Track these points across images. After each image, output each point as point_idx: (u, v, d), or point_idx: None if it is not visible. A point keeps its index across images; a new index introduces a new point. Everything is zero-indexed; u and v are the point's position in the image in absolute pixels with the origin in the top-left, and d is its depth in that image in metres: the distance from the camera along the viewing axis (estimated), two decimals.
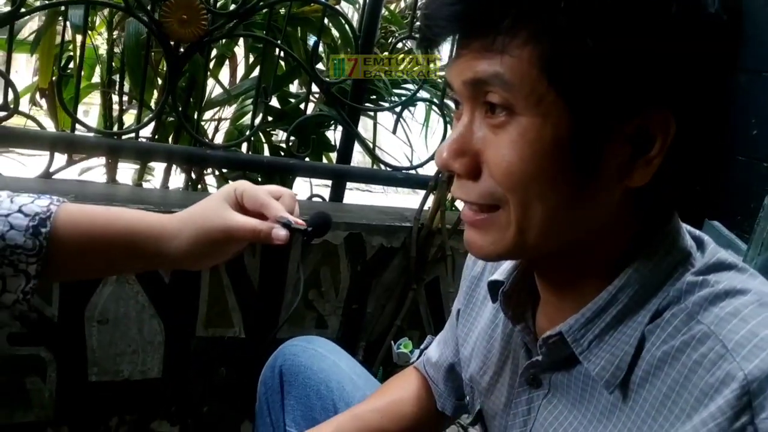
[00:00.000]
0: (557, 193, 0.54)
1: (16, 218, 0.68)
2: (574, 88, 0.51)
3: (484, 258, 0.63)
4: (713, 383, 0.50)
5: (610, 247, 0.59)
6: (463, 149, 0.56)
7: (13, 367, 1.39)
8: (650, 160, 0.53)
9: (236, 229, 0.72)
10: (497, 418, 0.75)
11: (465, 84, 0.55)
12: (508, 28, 0.51)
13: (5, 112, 1.39)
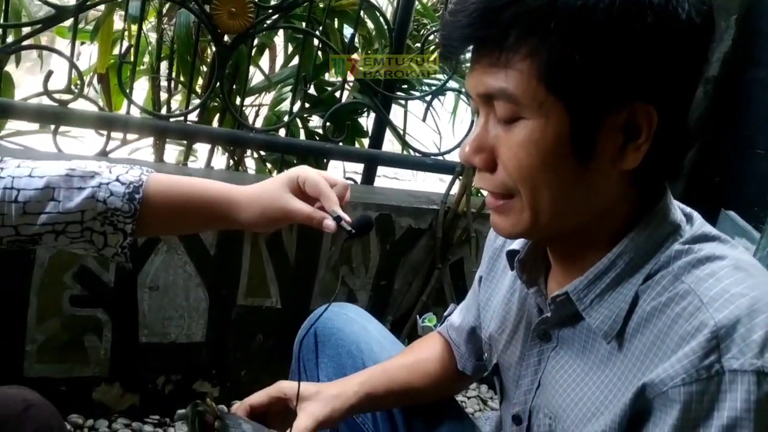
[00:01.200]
0: (562, 181, 0.65)
1: (115, 186, 0.81)
2: (569, 91, 0.62)
3: (507, 237, 0.75)
4: (690, 330, 0.61)
5: (610, 222, 0.70)
6: (481, 146, 0.68)
7: (74, 327, 1.53)
8: (639, 147, 0.64)
9: (294, 213, 0.84)
10: (512, 369, 0.85)
11: (479, 96, 0.67)
12: (510, 46, 0.62)
13: (70, 95, 1.52)
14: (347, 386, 0.96)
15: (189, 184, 0.87)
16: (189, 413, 0.82)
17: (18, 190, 0.79)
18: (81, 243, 0.83)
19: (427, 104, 1.99)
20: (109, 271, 1.52)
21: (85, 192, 0.80)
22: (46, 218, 0.80)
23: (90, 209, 0.80)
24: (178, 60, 1.82)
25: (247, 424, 0.84)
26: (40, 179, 0.80)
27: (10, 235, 0.80)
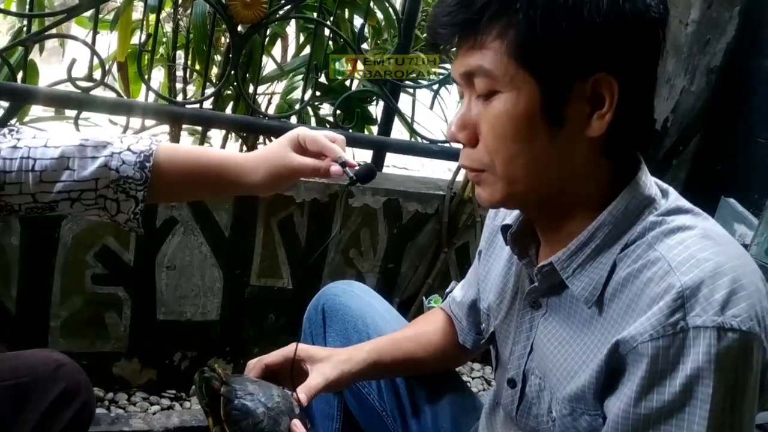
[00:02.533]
0: (535, 147, 0.71)
1: (127, 155, 0.86)
2: (536, 66, 0.69)
3: (488, 206, 0.81)
4: (659, 292, 0.67)
5: (586, 193, 0.76)
6: (465, 123, 0.75)
7: (95, 304, 1.61)
8: (603, 115, 0.70)
9: (300, 167, 0.90)
10: (509, 336, 0.92)
11: (461, 76, 0.74)
12: (483, 28, 0.69)
13: (92, 83, 1.59)
14: (356, 353, 1.03)
15: (196, 152, 0.93)
16: (196, 380, 0.88)
17: (34, 159, 0.84)
18: (95, 210, 0.89)
19: (435, 93, 2.05)
20: (129, 251, 1.59)
21: (99, 161, 0.85)
22: (62, 186, 0.85)
23: (103, 177, 0.85)
24: (194, 49, 1.88)
25: (254, 385, 0.89)
26: (56, 149, 0.85)
27: (28, 202, 0.86)
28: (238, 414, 0.84)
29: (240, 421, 0.83)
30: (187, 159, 0.91)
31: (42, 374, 1.00)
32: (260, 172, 0.90)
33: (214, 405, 0.85)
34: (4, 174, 0.83)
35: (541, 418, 0.83)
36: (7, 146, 0.84)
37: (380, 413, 1.16)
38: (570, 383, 0.76)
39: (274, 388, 0.91)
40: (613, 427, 0.69)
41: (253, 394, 0.87)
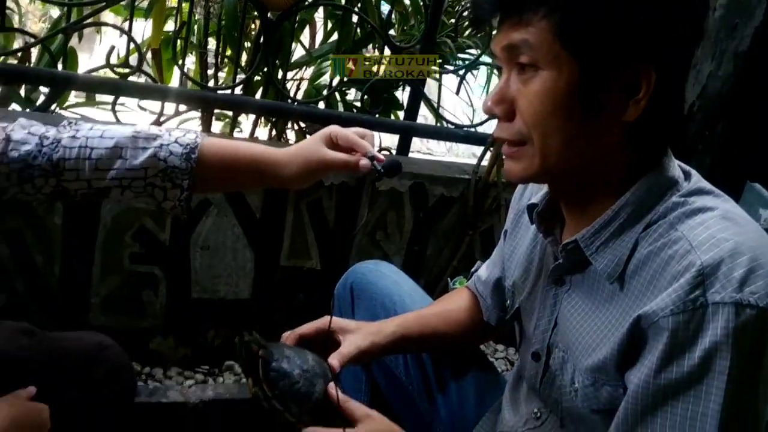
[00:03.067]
0: (570, 127, 0.74)
1: (174, 147, 0.93)
2: (580, 48, 0.71)
3: (518, 181, 0.85)
4: (680, 269, 0.70)
5: (612, 174, 0.79)
6: (502, 98, 0.78)
7: (133, 282, 1.67)
8: (639, 101, 0.73)
9: (332, 161, 0.96)
10: (533, 312, 0.95)
11: (503, 49, 0.77)
12: (530, 7, 0.72)
13: (129, 69, 1.65)
14: (385, 326, 1.08)
15: (237, 146, 0.98)
16: (237, 343, 0.93)
17: (91, 148, 0.91)
18: (144, 197, 0.96)
19: (461, 78, 2.07)
20: (165, 231, 1.65)
21: (149, 151, 0.92)
22: (115, 174, 0.92)
23: (152, 167, 0.92)
24: (225, 35, 1.93)
25: (290, 350, 0.95)
26: (110, 140, 0.92)
27: (84, 188, 0.93)
28: (275, 375, 0.89)
29: (277, 381, 0.88)
30: (229, 152, 0.97)
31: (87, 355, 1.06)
32: (295, 165, 0.96)
33: (253, 367, 0.90)
34: (64, 161, 0.90)
35: (564, 389, 0.87)
36: (67, 136, 0.90)
37: (407, 387, 1.20)
38: (592, 355, 0.80)
39: (309, 354, 0.96)
40: (633, 397, 0.73)
41: (290, 357, 0.92)
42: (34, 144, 0.90)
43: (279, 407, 0.88)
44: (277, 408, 0.88)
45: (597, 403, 0.80)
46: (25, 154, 0.89)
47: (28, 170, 0.89)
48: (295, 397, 0.89)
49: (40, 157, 0.90)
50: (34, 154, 0.89)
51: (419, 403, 1.19)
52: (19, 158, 0.89)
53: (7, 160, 0.88)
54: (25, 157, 0.89)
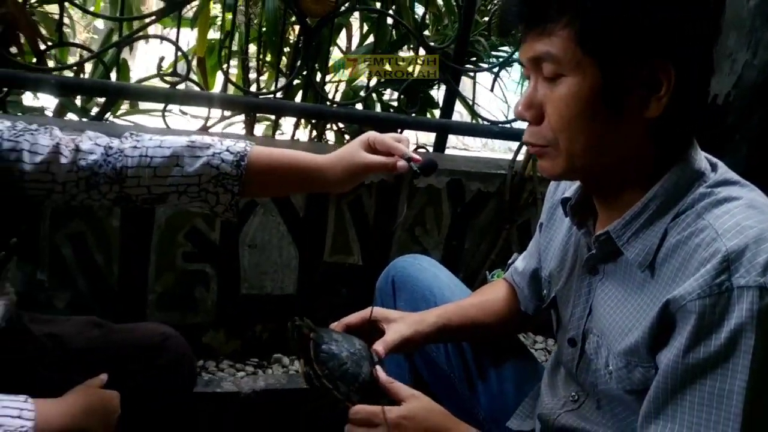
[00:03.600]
0: (596, 127, 0.79)
1: (226, 155, 1.01)
2: (599, 52, 0.76)
3: (550, 177, 0.89)
4: (706, 256, 0.74)
5: (640, 169, 0.83)
6: (530, 103, 0.84)
7: (186, 280, 1.76)
8: (660, 98, 0.77)
9: (372, 163, 1.03)
10: (569, 300, 1.00)
11: (528, 60, 0.82)
12: (552, 18, 0.77)
13: (178, 78, 1.74)
14: (427, 316, 1.14)
15: (283, 154, 1.06)
16: (289, 327, 1.00)
17: (151, 157, 1.00)
18: (198, 201, 1.04)
19: (495, 75, 2.12)
20: (215, 231, 1.74)
21: (203, 159, 1.00)
22: (172, 180, 1.00)
23: (206, 174, 1.01)
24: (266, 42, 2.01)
25: (338, 334, 1.02)
26: (168, 149, 1.00)
27: (144, 194, 1.01)
28: (325, 356, 0.96)
29: (327, 362, 0.95)
30: (275, 159, 1.05)
31: (151, 344, 1.15)
32: (337, 170, 1.03)
33: (304, 349, 0.97)
34: (127, 169, 0.98)
35: (599, 372, 0.91)
36: (129, 146, 0.99)
37: (448, 375, 1.26)
38: (625, 339, 0.84)
39: (356, 339, 1.03)
40: (664, 377, 0.77)
41: (338, 341, 0.99)
42: (99, 154, 0.99)
43: (328, 386, 0.94)
44: (326, 386, 0.94)
45: (630, 384, 0.85)
46: (92, 162, 0.98)
47: (94, 178, 0.98)
48: (343, 377, 0.95)
49: (106, 166, 0.98)
50: (100, 163, 0.98)
51: (460, 390, 1.24)
52: (87, 167, 0.97)
53: (77, 169, 0.97)
54: (92, 165, 0.98)
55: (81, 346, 1.12)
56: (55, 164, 0.96)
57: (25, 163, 0.95)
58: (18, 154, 0.95)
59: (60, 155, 0.96)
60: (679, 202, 0.81)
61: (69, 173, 0.97)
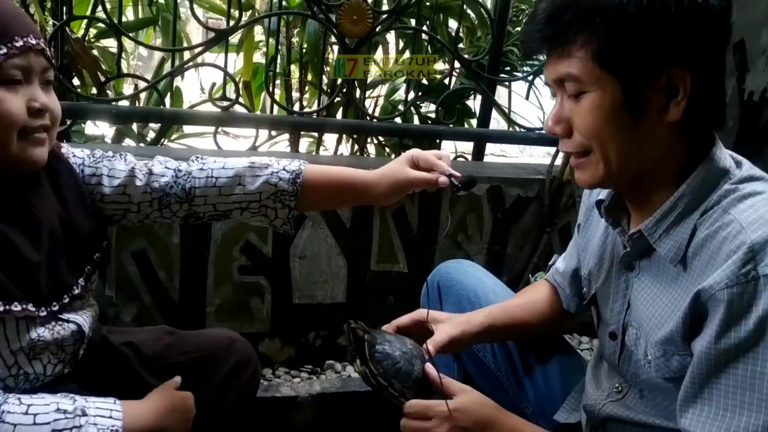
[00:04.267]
0: (622, 135, 0.85)
1: (283, 173, 1.11)
2: (616, 67, 0.83)
3: (587, 187, 0.96)
4: (733, 248, 0.79)
5: (668, 169, 0.89)
6: (559, 118, 0.91)
7: (242, 291, 1.86)
8: (678, 103, 0.83)
9: (416, 179, 1.11)
10: (608, 296, 1.05)
11: (553, 81, 0.90)
12: (570, 40, 0.84)
13: (228, 102, 1.85)
14: (474, 317, 1.20)
15: (334, 170, 1.16)
16: (345, 329, 1.08)
17: (216, 178, 1.10)
18: (259, 216, 1.14)
19: (529, 84, 2.17)
20: (267, 245, 1.84)
21: (262, 178, 1.10)
22: (236, 198, 1.10)
23: (266, 191, 1.10)
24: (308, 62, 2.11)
25: (390, 335, 1.10)
26: (231, 170, 1.11)
27: (210, 211, 1.11)
28: (380, 355, 1.03)
29: (381, 361, 1.02)
30: (327, 176, 1.15)
31: (219, 348, 1.24)
32: (383, 185, 1.12)
33: (360, 349, 1.05)
34: (194, 189, 1.09)
35: (639, 362, 0.96)
36: (196, 168, 1.10)
37: (495, 373, 1.32)
38: (661, 329, 0.89)
39: (407, 339, 1.10)
40: (698, 363, 0.82)
41: (391, 341, 1.06)
42: (170, 176, 1.09)
43: (384, 383, 1.02)
44: (382, 384, 1.02)
45: (668, 371, 0.90)
46: (164, 184, 1.09)
47: (166, 198, 1.09)
48: (397, 375, 1.02)
49: (176, 187, 1.09)
50: (171, 184, 1.09)
51: (508, 387, 1.30)
52: (159, 188, 1.08)
53: (150, 190, 1.08)
54: (164, 187, 1.09)
55: (156, 351, 1.22)
56: (131, 186, 1.07)
57: (104, 186, 1.06)
58: (98, 178, 1.07)
59: (135, 178, 1.08)
60: (707, 199, 0.86)
61: (143, 194, 1.08)
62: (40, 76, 0.93)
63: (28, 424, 0.87)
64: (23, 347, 0.93)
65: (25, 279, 0.92)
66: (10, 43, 0.87)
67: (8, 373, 0.93)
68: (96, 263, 1.05)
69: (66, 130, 1.96)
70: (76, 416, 0.90)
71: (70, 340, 1.00)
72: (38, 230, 0.94)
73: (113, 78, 1.91)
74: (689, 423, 0.83)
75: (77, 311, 1.02)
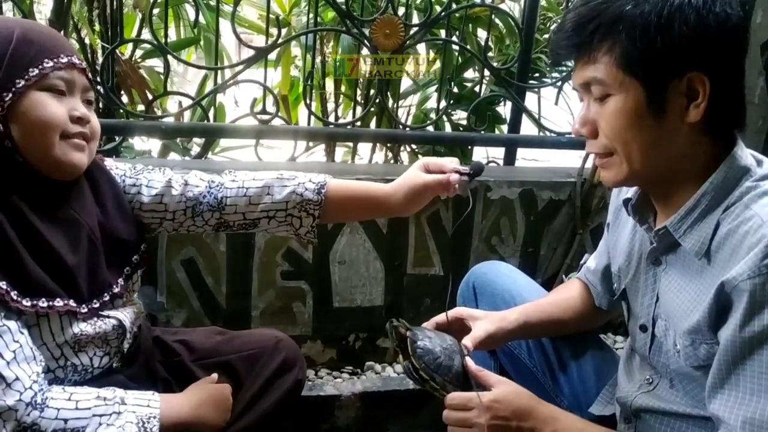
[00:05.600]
0: (645, 136, 0.91)
1: (308, 184, 1.20)
2: (639, 72, 0.88)
3: (612, 186, 1.01)
4: (754, 241, 0.84)
5: (691, 167, 0.94)
6: (585, 121, 0.97)
7: (285, 296, 1.95)
8: (698, 105, 0.88)
9: (429, 181, 1.19)
10: (638, 290, 1.10)
11: (580, 86, 0.96)
12: (595, 47, 0.90)
13: (269, 115, 1.94)
14: (509, 314, 1.26)
15: (354, 183, 1.26)
16: (388, 327, 1.15)
17: (246, 188, 1.20)
18: (285, 226, 1.22)
19: (558, 89, 2.22)
20: (308, 251, 1.92)
21: (289, 188, 1.20)
22: (263, 206, 1.19)
23: (292, 200, 1.19)
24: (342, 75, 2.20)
25: (430, 332, 1.16)
26: (261, 181, 1.21)
27: (240, 219, 1.21)
28: (421, 351, 1.10)
29: (423, 356, 1.09)
30: (349, 188, 1.24)
31: (267, 347, 1.32)
32: (401, 192, 1.20)
33: (403, 345, 1.11)
34: (226, 198, 1.19)
35: (669, 353, 1.01)
36: (229, 180, 1.21)
37: (531, 369, 1.37)
38: (688, 320, 0.94)
39: (446, 336, 1.16)
40: (724, 351, 0.87)
41: (431, 338, 1.13)
42: (204, 186, 1.19)
43: (426, 377, 1.08)
44: (424, 378, 1.08)
45: (697, 360, 0.95)
46: (197, 194, 1.18)
47: (199, 207, 1.19)
48: (438, 369, 1.09)
49: (209, 196, 1.19)
50: (204, 194, 1.19)
51: (543, 382, 1.35)
52: (193, 197, 1.18)
53: (185, 199, 1.18)
54: (197, 196, 1.18)
55: (207, 349, 1.31)
56: (168, 196, 1.17)
57: (143, 195, 1.17)
58: (138, 188, 1.17)
59: (171, 188, 1.18)
60: (729, 196, 0.91)
61: (178, 203, 1.18)
62: (81, 94, 1.04)
63: (71, 409, 0.97)
64: (67, 341, 1.02)
65: (65, 278, 1.01)
66: (57, 58, 0.99)
67: (56, 365, 1.02)
68: (135, 265, 1.15)
69: (117, 146, 2.07)
70: (116, 403, 1.00)
71: (113, 334, 1.09)
72: (77, 233, 1.04)
73: (161, 96, 2.02)
74: (718, 408, 0.88)
75: (118, 309, 1.11)
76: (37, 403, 0.94)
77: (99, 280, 1.07)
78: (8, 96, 0.95)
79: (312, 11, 1.96)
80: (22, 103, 0.97)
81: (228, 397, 1.21)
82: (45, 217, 1.00)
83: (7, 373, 0.92)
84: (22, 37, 0.97)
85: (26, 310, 0.96)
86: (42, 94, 0.98)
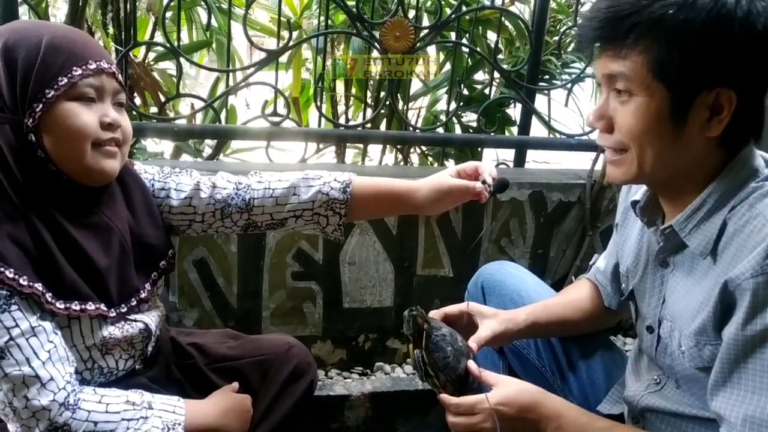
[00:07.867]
0: (661, 142, 0.90)
1: (334, 183, 1.20)
2: (669, 79, 0.87)
3: (620, 183, 1.01)
4: (758, 240, 0.85)
5: (700, 173, 0.94)
6: (602, 114, 0.96)
7: (295, 296, 1.96)
8: (721, 120, 0.88)
9: (456, 186, 1.19)
10: (645, 291, 1.11)
11: (603, 76, 0.94)
12: (629, 44, 0.88)
13: (280, 117, 1.96)
14: (518, 314, 1.27)
15: (379, 181, 1.25)
16: (406, 316, 1.15)
17: (273, 189, 1.20)
18: (311, 224, 1.23)
19: (568, 91, 2.22)
20: (318, 251, 1.93)
21: (315, 188, 1.20)
22: (290, 206, 1.20)
23: (318, 200, 1.20)
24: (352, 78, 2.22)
25: (445, 328, 1.17)
26: (287, 182, 1.21)
27: (267, 220, 1.21)
28: (434, 346, 1.11)
29: (434, 352, 1.10)
30: (374, 185, 1.24)
31: (279, 352, 1.33)
32: (424, 191, 1.20)
33: (418, 337, 1.12)
34: (253, 200, 1.19)
35: (674, 354, 1.02)
36: (255, 181, 1.21)
37: (540, 369, 1.38)
38: (694, 321, 0.95)
39: (458, 336, 1.17)
40: (726, 349, 0.88)
41: (445, 336, 1.14)
42: (232, 188, 1.20)
43: (431, 373, 1.09)
44: (429, 373, 1.09)
45: (701, 361, 0.95)
46: (225, 195, 1.19)
47: (227, 208, 1.19)
48: (444, 368, 1.10)
49: (237, 198, 1.19)
50: (232, 196, 1.19)
51: (552, 382, 1.36)
52: (222, 199, 1.19)
53: (213, 201, 1.19)
54: (225, 198, 1.19)
55: (219, 353, 1.32)
56: (196, 198, 1.18)
57: (172, 198, 1.17)
58: (167, 192, 1.18)
59: (200, 191, 1.18)
60: (736, 196, 0.91)
61: (207, 205, 1.18)
62: (112, 97, 1.04)
63: (101, 412, 0.98)
64: (96, 344, 1.04)
65: (96, 282, 1.02)
66: (85, 65, 0.98)
67: (84, 366, 1.04)
68: (162, 270, 1.16)
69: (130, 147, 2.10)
70: (144, 408, 1.01)
71: (139, 337, 1.11)
72: (109, 238, 1.05)
73: (174, 98, 2.05)
74: (719, 405, 0.89)
75: (144, 312, 1.13)
76: (70, 404, 0.95)
77: (128, 284, 1.08)
78: (39, 107, 0.95)
79: (323, 14, 1.98)
80: (53, 114, 0.96)
81: (249, 408, 1.21)
82: (78, 223, 1.02)
83: (42, 372, 0.93)
84: (50, 45, 0.97)
85: (59, 312, 0.97)
86: (72, 104, 0.97)
